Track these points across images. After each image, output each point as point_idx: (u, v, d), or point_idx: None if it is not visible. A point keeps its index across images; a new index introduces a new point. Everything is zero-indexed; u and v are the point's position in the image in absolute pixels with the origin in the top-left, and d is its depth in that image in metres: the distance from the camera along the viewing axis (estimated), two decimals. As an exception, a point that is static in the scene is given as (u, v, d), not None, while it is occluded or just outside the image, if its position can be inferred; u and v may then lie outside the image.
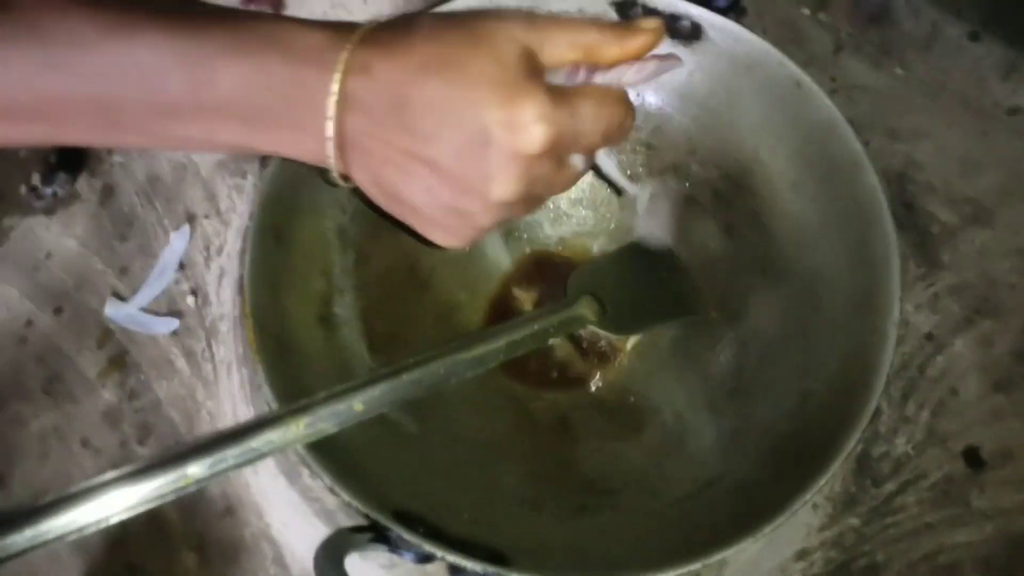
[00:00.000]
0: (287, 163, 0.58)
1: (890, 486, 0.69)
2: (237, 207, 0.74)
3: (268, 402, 0.50)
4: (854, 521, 0.67)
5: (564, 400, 0.64)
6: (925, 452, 0.69)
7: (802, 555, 0.66)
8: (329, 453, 0.49)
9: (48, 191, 0.75)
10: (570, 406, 0.63)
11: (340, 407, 0.48)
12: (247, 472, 0.65)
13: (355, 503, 0.47)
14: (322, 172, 0.46)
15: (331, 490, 0.47)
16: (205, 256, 0.73)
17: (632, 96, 0.67)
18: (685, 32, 0.62)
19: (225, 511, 0.65)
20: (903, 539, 0.67)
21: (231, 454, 0.44)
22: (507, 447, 0.60)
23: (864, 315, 0.54)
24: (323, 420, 0.47)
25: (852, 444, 0.49)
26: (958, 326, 0.74)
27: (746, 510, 0.51)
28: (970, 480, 0.68)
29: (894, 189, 0.77)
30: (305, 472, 0.59)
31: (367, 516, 0.47)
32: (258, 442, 0.45)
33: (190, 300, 0.72)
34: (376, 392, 0.49)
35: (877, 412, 0.69)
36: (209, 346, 0.70)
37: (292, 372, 0.53)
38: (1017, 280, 0.75)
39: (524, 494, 0.57)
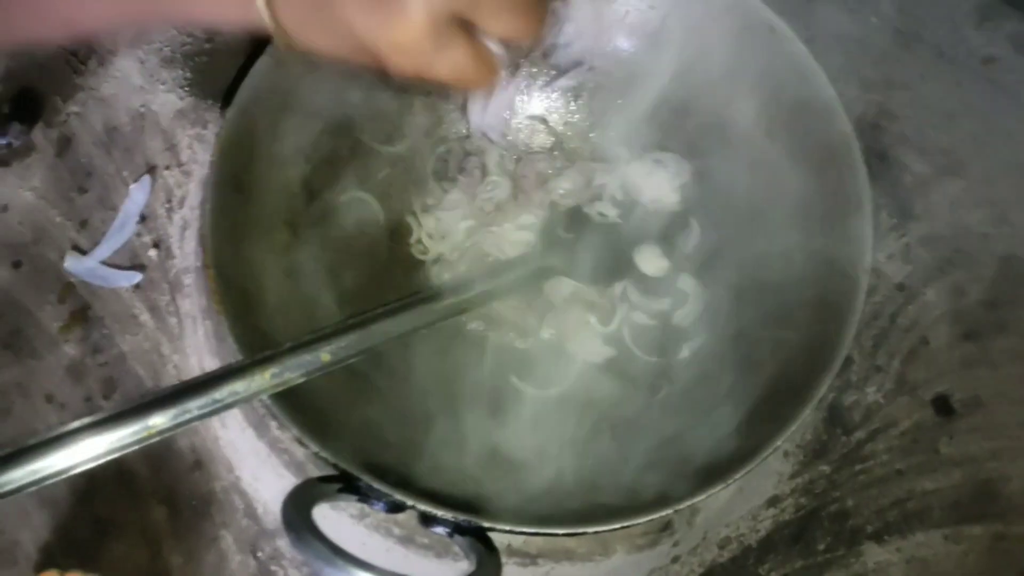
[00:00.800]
0: (247, 111, 0.56)
1: (860, 434, 0.69)
2: (199, 157, 0.72)
3: (233, 353, 0.48)
4: (824, 468, 0.68)
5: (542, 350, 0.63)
6: (895, 400, 0.70)
7: (773, 502, 0.67)
8: (296, 404, 0.48)
9: (3, 142, 0.72)
10: (547, 356, 0.63)
11: (307, 357, 0.47)
12: (216, 425, 0.64)
13: (323, 453, 0.46)
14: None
15: (299, 441, 0.47)
16: (167, 208, 0.71)
17: (604, 42, 0.67)
18: (660, -26, 0.61)
19: (194, 464, 0.64)
20: (873, 485, 0.67)
21: (195, 405, 0.43)
22: (479, 396, 0.60)
23: (836, 263, 0.54)
24: (289, 370, 0.46)
25: (821, 392, 0.49)
26: (930, 276, 0.74)
27: (719, 457, 0.51)
28: (939, 428, 0.69)
29: (868, 139, 0.77)
30: (273, 424, 0.58)
31: (336, 466, 0.46)
32: (222, 393, 0.44)
33: (152, 253, 0.70)
34: (344, 342, 0.48)
35: (848, 361, 0.70)
36: (173, 299, 0.68)
37: (257, 324, 0.52)
38: (989, 230, 0.75)
39: (495, 443, 0.56)
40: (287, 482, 0.57)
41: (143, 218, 0.71)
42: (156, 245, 0.70)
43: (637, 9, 0.63)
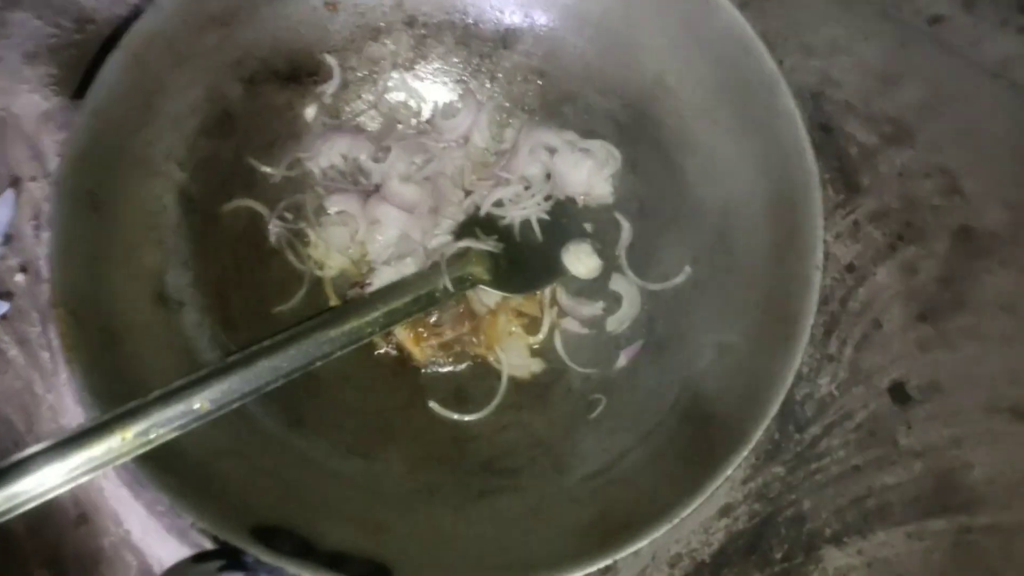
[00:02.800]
0: (101, 114, 0.48)
1: (815, 429, 0.64)
2: (67, 165, 0.63)
3: (87, 407, 0.41)
4: (778, 470, 0.63)
5: (462, 368, 0.57)
6: (850, 391, 0.65)
7: (726, 511, 0.62)
8: (167, 464, 0.41)
9: None
10: (468, 375, 0.56)
11: (178, 409, 0.40)
12: (98, 476, 0.56)
13: (201, 524, 0.39)
14: None
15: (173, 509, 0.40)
16: (35, 225, 0.62)
17: (520, 15, 0.60)
18: (573, -62, 0.54)
19: (79, 519, 0.57)
20: (830, 485, 0.63)
21: (27, 486, 0.36)
22: (396, 427, 0.53)
23: (783, 258, 0.48)
24: (159, 426, 0.39)
25: (775, 409, 0.44)
26: (880, 254, 0.69)
27: (662, 486, 0.45)
28: (897, 417, 0.65)
29: (810, 109, 0.71)
30: (152, 481, 0.51)
31: (215, 538, 0.39)
32: (74, 461, 0.37)
33: (20, 278, 0.61)
34: (225, 386, 0.42)
35: (800, 352, 0.65)
36: (45, 331, 0.60)
37: (124, 369, 0.45)
38: (940, 201, 0.71)
39: (415, 482, 0.50)
40: (172, 547, 0.50)
41: (8, 238, 0.62)
42: (24, 269, 0.62)
43: (553, -21, 0.57)
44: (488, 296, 0.56)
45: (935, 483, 0.63)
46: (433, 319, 0.55)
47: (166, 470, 0.41)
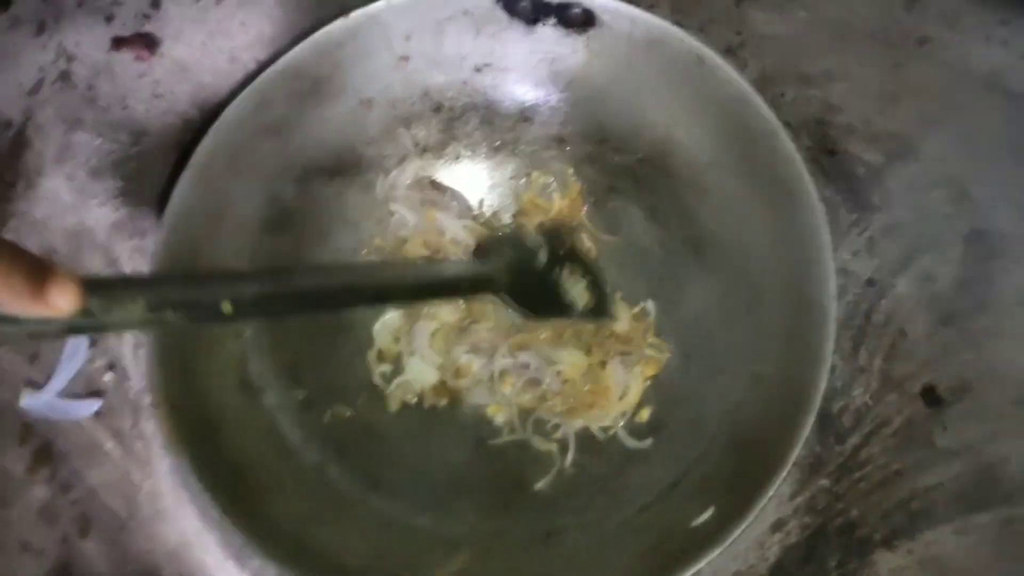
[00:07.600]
0: (178, 230, 0.54)
1: (854, 439, 0.68)
2: (141, 269, 0.69)
3: (196, 493, 0.46)
4: (824, 482, 0.66)
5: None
6: (883, 399, 0.68)
7: (778, 526, 0.65)
8: (268, 535, 0.46)
9: (-62, 281, 0.70)
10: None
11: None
12: (197, 551, 0.62)
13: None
14: None
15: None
16: (117, 327, 0.69)
17: (535, 92, 0.65)
18: (577, 20, 0.59)
19: (182, 590, 0.62)
20: (874, 491, 0.66)
21: None
22: (465, 479, 0.58)
23: (800, 290, 0.53)
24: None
25: (806, 430, 0.48)
26: (898, 266, 0.72)
27: (714, 508, 0.49)
28: (931, 420, 0.68)
29: (815, 137, 0.75)
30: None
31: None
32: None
33: (108, 377, 0.67)
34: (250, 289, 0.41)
35: (831, 367, 0.68)
36: (136, 423, 0.66)
37: (224, 454, 0.50)
38: (950, 209, 0.74)
39: (487, 527, 0.55)
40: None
41: (94, 341, 0.68)
42: (111, 368, 0.68)
43: (561, 56, 0.62)
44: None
45: (975, 479, 0.66)
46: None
47: (269, 542, 0.46)
